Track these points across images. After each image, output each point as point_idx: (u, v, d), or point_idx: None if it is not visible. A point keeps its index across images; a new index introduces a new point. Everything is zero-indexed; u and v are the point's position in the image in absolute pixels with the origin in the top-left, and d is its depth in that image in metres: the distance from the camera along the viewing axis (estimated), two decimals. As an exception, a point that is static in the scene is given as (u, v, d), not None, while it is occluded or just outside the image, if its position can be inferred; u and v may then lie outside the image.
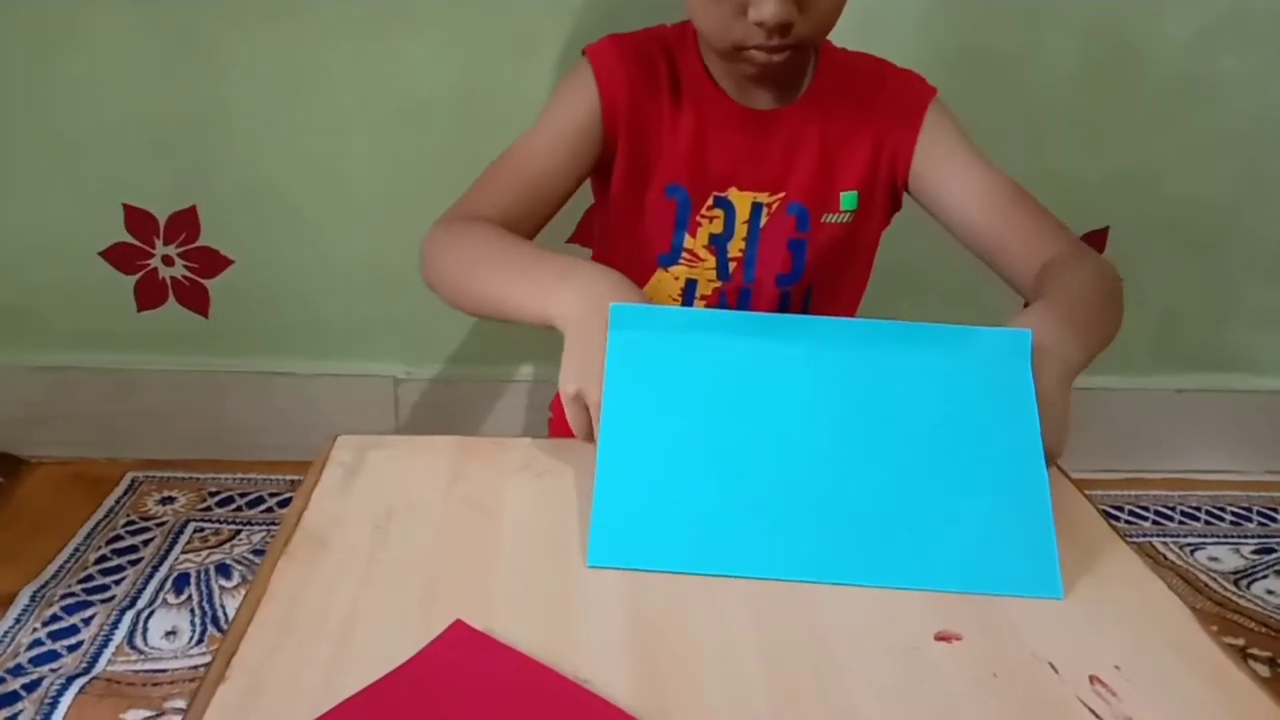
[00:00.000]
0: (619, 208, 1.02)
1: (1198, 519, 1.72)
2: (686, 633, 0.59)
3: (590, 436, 0.72)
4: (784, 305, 1.05)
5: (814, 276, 1.04)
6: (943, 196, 0.99)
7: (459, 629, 0.58)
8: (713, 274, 1.03)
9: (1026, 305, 0.83)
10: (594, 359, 0.71)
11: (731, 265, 1.02)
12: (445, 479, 0.74)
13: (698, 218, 1.00)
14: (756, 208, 1.00)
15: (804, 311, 1.06)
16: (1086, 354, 0.76)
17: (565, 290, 0.76)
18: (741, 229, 1.01)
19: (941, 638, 0.60)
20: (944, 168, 0.98)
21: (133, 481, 1.64)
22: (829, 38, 0.97)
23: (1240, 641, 1.41)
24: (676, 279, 1.03)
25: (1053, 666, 0.58)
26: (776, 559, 0.65)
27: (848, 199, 1.01)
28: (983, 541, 0.66)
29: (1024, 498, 0.67)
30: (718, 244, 1.01)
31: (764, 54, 0.89)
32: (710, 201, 1.00)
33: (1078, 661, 0.58)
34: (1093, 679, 0.57)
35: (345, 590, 0.62)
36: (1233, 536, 1.68)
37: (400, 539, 0.67)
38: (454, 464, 0.76)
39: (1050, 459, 0.69)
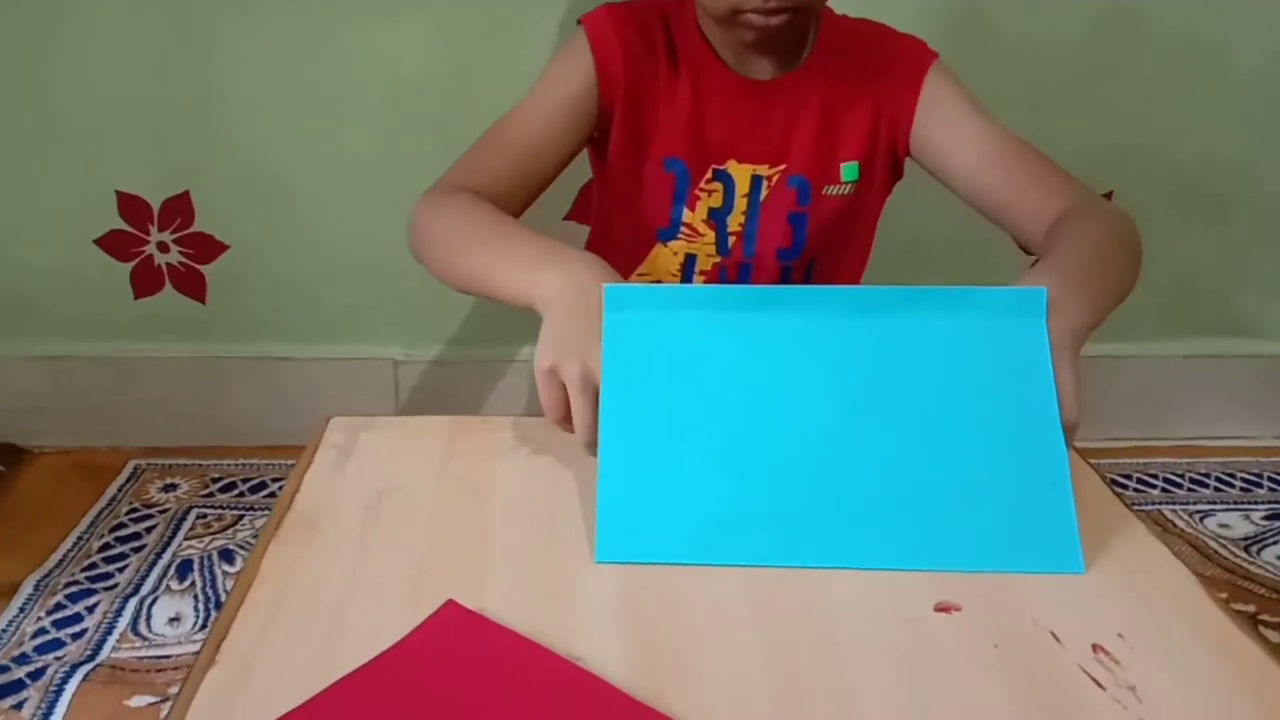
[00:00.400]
0: (616, 181, 1.01)
1: (1207, 485, 1.71)
2: (681, 608, 0.59)
3: (564, 418, 0.70)
4: (785, 280, 1.03)
5: (815, 250, 1.02)
6: (945, 157, 0.96)
7: (451, 608, 0.57)
8: (712, 249, 1.01)
9: (1035, 264, 0.80)
10: (571, 335, 0.70)
11: (731, 240, 1.01)
12: (437, 459, 0.73)
13: (696, 191, 0.99)
14: (756, 180, 0.99)
15: (805, 284, 1.05)
16: (1096, 314, 0.73)
17: (548, 272, 0.75)
18: (741, 202, 0.99)
19: (941, 609, 0.59)
20: (945, 129, 0.96)
21: (135, 469, 1.64)
22: (829, 5, 0.96)
23: (1251, 608, 1.40)
24: (675, 254, 1.02)
25: (1055, 636, 0.57)
26: (788, 546, 0.63)
27: (848, 170, 0.99)
28: (999, 518, 0.63)
29: (1040, 469, 0.64)
30: (716, 218, 1.00)
31: (761, 17, 0.87)
32: (709, 174, 0.98)
33: (1080, 631, 0.57)
34: (1096, 648, 0.56)
35: (337, 573, 0.61)
36: (1243, 503, 1.66)
37: (392, 520, 0.66)
38: (446, 444, 0.75)
39: (1066, 434, 0.66)
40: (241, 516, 1.53)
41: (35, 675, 1.19)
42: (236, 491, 1.59)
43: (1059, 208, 0.87)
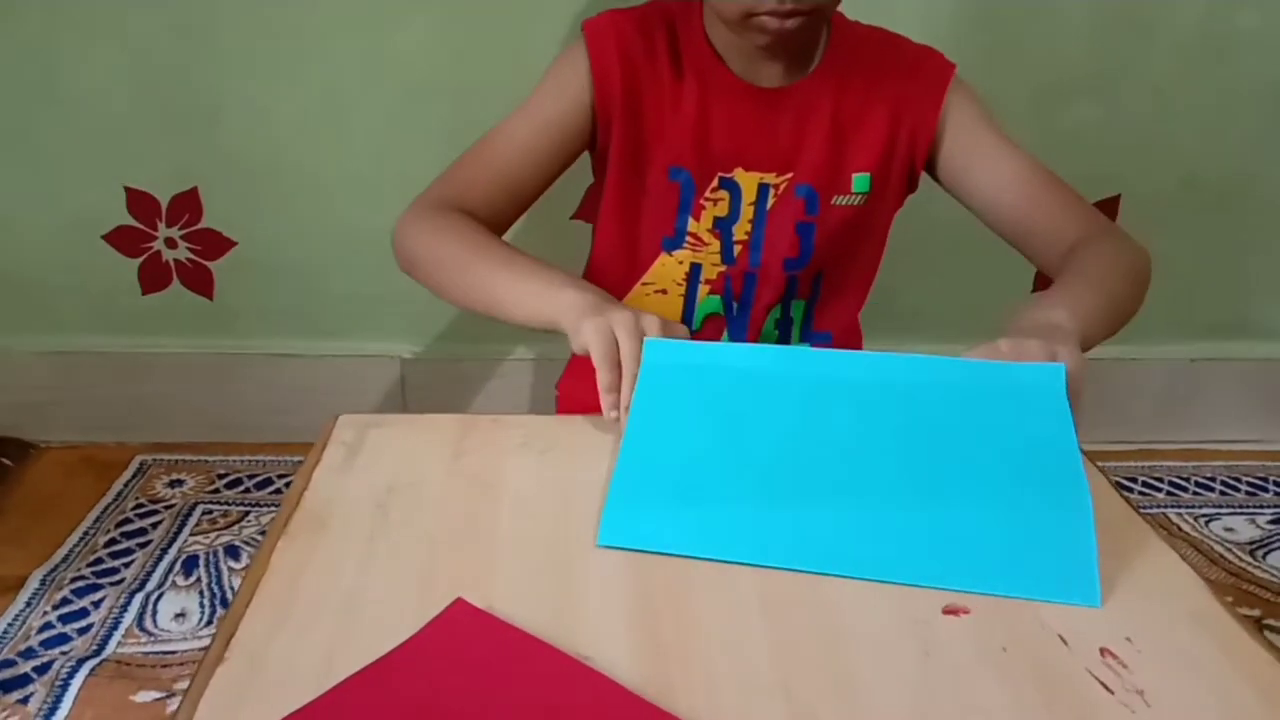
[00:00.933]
0: (619, 189, 0.99)
1: (1213, 489, 1.71)
2: (689, 608, 0.59)
3: (613, 365, 0.73)
4: (791, 289, 1.02)
5: (823, 260, 1.01)
6: (968, 180, 0.97)
7: (460, 606, 0.57)
8: (717, 258, 1.00)
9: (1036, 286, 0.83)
10: (611, 302, 0.78)
11: (737, 249, 1.00)
12: (446, 457, 0.73)
13: (701, 200, 0.98)
14: (763, 189, 0.97)
15: (813, 295, 1.04)
16: (1076, 320, 0.78)
17: (568, 293, 0.80)
18: (747, 211, 0.98)
19: (950, 611, 0.59)
20: (970, 151, 0.96)
21: (141, 465, 1.64)
22: (840, 10, 0.95)
23: (1256, 612, 1.40)
24: (680, 263, 1.01)
25: (1062, 639, 0.57)
26: (794, 552, 0.63)
27: (859, 181, 0.98)
28: (1018, 546, 0.63)
29: (1064, 509, 0.64)
30: (722, 227, 0.99)
31: (776, 20, 0.86)
32: (715, 183, 0.97)
33: (1088, 634, 0.57)
34: (1103, 651, 0.56)
35: (345, 570, 0.61)
36: (1248, 507, 1.66)
37: (401, 518, 0.66)
38: (455, 442, 0.75)
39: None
40: (247, 513, 1.54)
41: (41, 670, 1.20)
42: (242, 488, 1.60)
43: (1074, 234, 0.91)
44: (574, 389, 1.10)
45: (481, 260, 0.87)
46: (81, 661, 1.20)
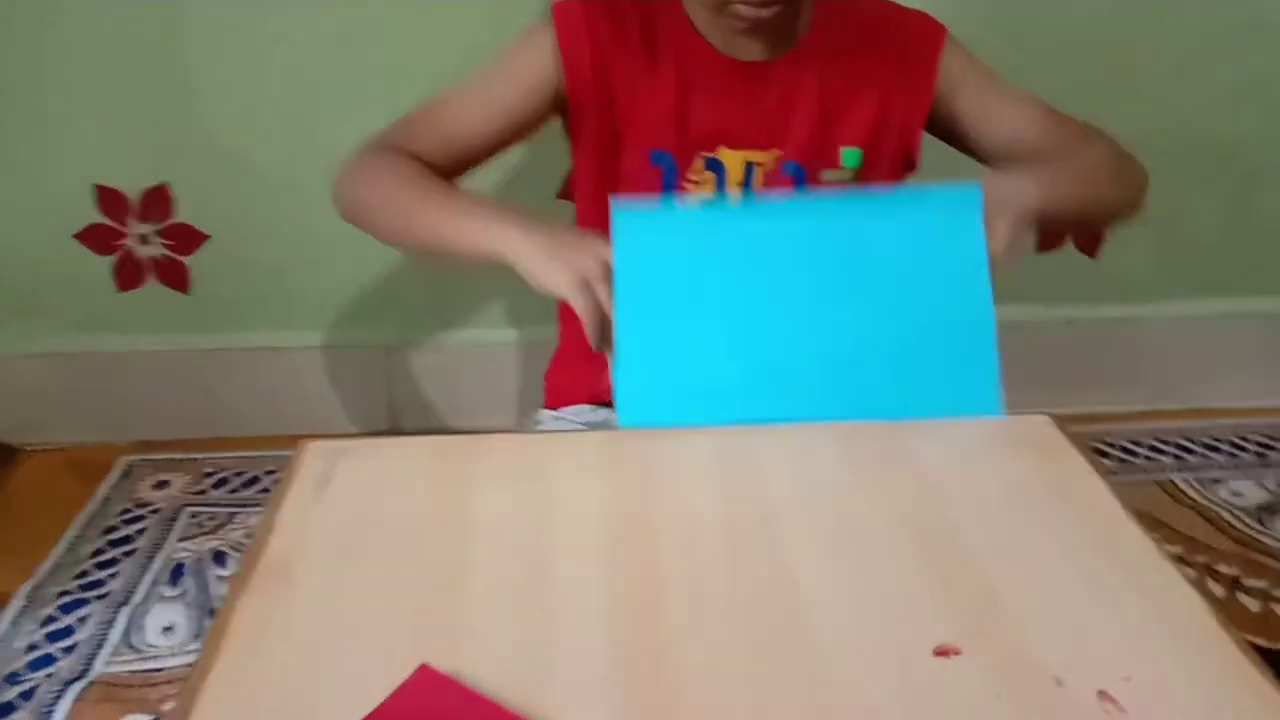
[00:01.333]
0: (592, 175, 0.98)
1: (1220, 451, 1.67)
2: (671, 665, 0.56)
3: (601, 322, 0.75)
4: None
5: None
6: (982, 135, 0.97)
7: (425, 674, 0.55)
8: None
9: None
10: (565, 242, 0.77)
11: None
12: (418, 489, 0.70)
13: (685, 183, 0.95)
14: (750, 167, 0.95)
15: None
16: (1045, 198, 0.82)
17: (512, 223, 0.80)
18: (734, 191, 0.96)
19: (941, 653, 0.56)
20: (977, 107, 0.96)
21: (128, 466, 1.62)
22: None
23: (1263, 584, 1.37)
24: None
25: (1058, 681, 0.54)
26: (777, 402, 0.73)
27: (849, 155, 0.95)
28: (927, 370, 0.74)
29: (969, 330, 0.74)
30: None
31: (751, 9, 0.84)
32: (699, 164, 0.94)
33: (1085, 673, 0.54)
34: (1101, 694, 0.53)
35: (307, 631, 0.58)
36: (1256, 469, 1.63)
37: (368, 565, 0.63)
38: (427, 471, 0.72)
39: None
40: (234, 514, 1.52)
41: (27, 696, 1.18)
42: (229, 487, 1.58)
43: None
44: (562, 380, 1.08)
45: (422, 196, 0.87)
46: (68, 684, 1.19)
